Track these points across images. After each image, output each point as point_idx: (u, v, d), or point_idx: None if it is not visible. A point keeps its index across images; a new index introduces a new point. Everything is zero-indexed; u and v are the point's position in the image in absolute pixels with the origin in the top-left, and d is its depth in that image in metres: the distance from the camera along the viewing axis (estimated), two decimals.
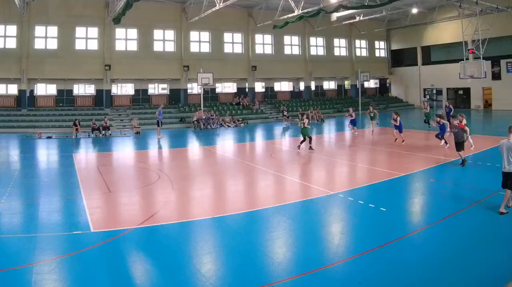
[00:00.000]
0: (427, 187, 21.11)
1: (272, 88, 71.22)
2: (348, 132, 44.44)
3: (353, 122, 41.54)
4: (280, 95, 71.56)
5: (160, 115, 44.61)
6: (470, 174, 23.71)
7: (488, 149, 29.63)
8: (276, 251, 13.17)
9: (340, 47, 75.54)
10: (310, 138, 31.83)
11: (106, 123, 47.38)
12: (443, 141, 31.05)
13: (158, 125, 44.43)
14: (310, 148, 31.79)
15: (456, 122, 24.62)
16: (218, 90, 66.43)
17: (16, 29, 51.53)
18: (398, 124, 34.06)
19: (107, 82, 56.41)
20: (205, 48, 63.03)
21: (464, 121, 26.36)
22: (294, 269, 11.89)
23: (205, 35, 62.95)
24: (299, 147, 31.76)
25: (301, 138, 32.26)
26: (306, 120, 31.39)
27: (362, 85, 71.67)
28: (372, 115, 42.15)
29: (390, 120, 34.85)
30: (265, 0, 58.52)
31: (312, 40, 71.98)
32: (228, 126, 54.36)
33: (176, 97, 62.10)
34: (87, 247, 13.31)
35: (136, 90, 60.99)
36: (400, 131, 34.26)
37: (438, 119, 31.29)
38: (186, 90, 62.19)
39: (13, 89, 54.13)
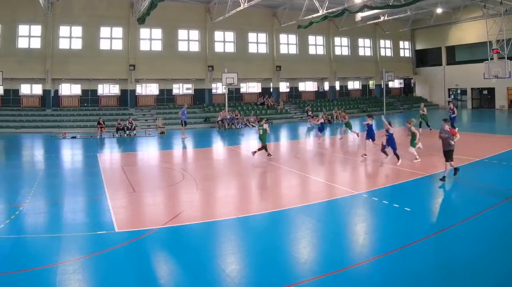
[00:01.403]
0: (452, 186, 20.82)
1: (297, 88, 69.26)
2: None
3: (321, 129, 38.29)
4: (304, 95, 69.74)
5: (183, 115, 43.54)
6: (495, 174, 23.32)
7: None
8: (301, 251, 13.05)
9: (364, 47, 73.55)
10: (265, 147, 28.81)
11: (130, 123, 46.07)
12: (392, 157, 25.98)
13: (182, 125, 43.32)
14: (268, 154, 28.90)
15: (447, 126, 20.80)
16: (242, 90, 64.74)
17: (41, 29, 50.69)
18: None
19: (132, 82, 55.23)
20: (230, 48, 61.65)
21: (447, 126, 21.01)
22: (318, 269, 11.76)
23: (230, 35, 61.58)
24: (254, 153, 29.02)
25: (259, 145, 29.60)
26: (265, 126, 28.88)
27: (387, 85, 69.70)
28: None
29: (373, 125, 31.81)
30: (290, 0, 57.33)
31: (337, 40, 70.03)
32: (253, 126, 52.44)
33: (201, 97, 60.56)
34: (111, 247, 13.22)
35: (161, 90, 59.51)
36: (373, 140, 29.30)
37: (387, 127, 25.95)
38: (210, 90, 60.76)
39: (37, 89, 53.25)
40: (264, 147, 28.67)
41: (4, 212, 16.85)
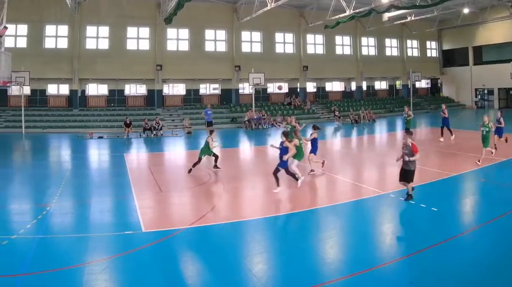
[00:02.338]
0: (478, 187, 20.89)
1: (324, 88, 67.11)
2: (400, 132, 40.93)
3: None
4: (331, 95, 67.54)
5: (207, 115, 42.89)
6: None
7: None
8: (327, 251, 12.99)
9: (391, 47, 71.08)
10: (216, 157, 24.90)
11: (157, 123, 44.75)
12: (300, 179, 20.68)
13: (207, 126, 41.86)
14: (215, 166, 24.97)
15: (409, 140, 17.05)
16: (269, 90, 62.62)
17: (68, 29, 49.82)
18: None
19: (159, 82, 53.92)
20: (257, 48, 59.87)
21: (410, 140, 17.19)
22: (345, 269, 11.56)
23: (257, 35, 59.75)
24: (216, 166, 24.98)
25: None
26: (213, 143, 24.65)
27: (414, 85, 67.43)
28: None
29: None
30: (317, 0, 55.58)
31: (364, 40, 67.63)
32: (279, 126, 49.38)
33: (228, 97, 58.89)
34: (138, 247, 13.04)
35: (188, 90, 57.97)
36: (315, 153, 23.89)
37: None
38: (237, 90, 59.10)
39: (64, 89, 52.21)
40: (215, 157, 24.91)
41: (31, 212, 16.70)
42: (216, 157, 25.02)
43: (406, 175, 17.17)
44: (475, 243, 13.14)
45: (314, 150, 23.63)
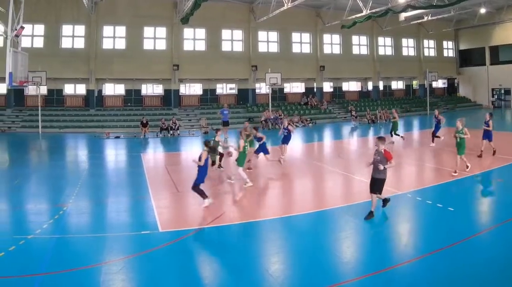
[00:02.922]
0: (495, 187, 20.45)
1: (340, 88, 65.78)
2: (418, 131, 41.86)
3: (260, 150, 24.83)
4: (348, 95, 65.95)
5: (223, 115, 41.56)
6: None
7: None
8: (344, 250, 12.82)
9: (408, 47, 69.15)
10: (221, 156, 24.37)
11: (174, 123, 44.03)
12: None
13: (223, 126, 40.26)
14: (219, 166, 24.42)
15: (382, 146, 15.37)
16: (286, 90, 61.50)
17: (85, 29, 49.19)
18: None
19: (175, 82, 53.01)
20: (273, 48, 58.52)
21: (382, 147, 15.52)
22: (361, 269, 11.40)
23: (273, 35, 58.35)
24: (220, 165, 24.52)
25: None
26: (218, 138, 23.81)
27: (430, 85, 65.48)
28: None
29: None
30: (333, 0, 54.24)
31: (380, 40, 65.85)
32: (297, 126, 49.49)
33: (244, 97, 57.61)
34: (155, 247, 12.88)
35: (204, 90, 56.95)
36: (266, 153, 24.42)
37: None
38: (254, 90, 57.87)
39: (81, 89, 51.41)
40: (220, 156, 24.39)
41: (48, 212, 16.49)
42: (221, 155, 24.44)
43: (375, 184, 15.32)
44: (491, 243, 12.94)
45: (265, 151, 24.25)
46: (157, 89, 55.25)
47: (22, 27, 30.91)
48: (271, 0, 46.51)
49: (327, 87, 64.47)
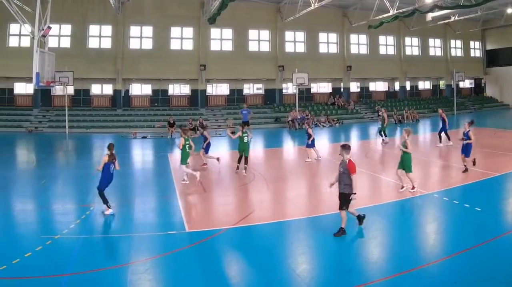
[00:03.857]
0: None
1: (367, 88, 63.11)
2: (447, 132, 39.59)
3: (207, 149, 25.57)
4: (375, 95, 63.39)
5: (242, 115, 40.97)
6: None
7: None
8: (371, 250, 12.41)
9: (435, 47, 65.98)
10: (246, 158, 22.85)
11: (201, 123, 41.87)
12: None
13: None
14: (240, 167, 22.98)
15: (346, 156, 13.57)
16: (313, 90, 59.06)
17: (111, 29, 47.93)
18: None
19: (202, 82, 51.17)
20: (300, 48, 56.07)
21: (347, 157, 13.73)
22: (388, 269, 11.08)
23: (300, 35, 55.94)
24: (239, 168, 23.12)
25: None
26: (250, 134, 23.44)
27: (457, 85, 62.49)
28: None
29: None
30: (360, 0, 52.07)
31: (407, 40, 63.04)
32: (323, 126, 48.50)
33: (271, 97, 55.47)
34: (182, 247, 12.60)
35: (231, 90, 54.99)
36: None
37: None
38: (281, 90, 55.70)
39: (108, 89, 50.12)
40: (245, 158, 22.83)
41: (75, 212, 16.10)
42: (246, 158, 22.99)
43: (340, 199, 13.34)
44: None
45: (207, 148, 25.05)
46: (184, 89, 53.68)
47: (49, 27, 30.27)
48: (298, 0, 44.87)
49: (354, 87, 62.01)
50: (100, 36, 47.83)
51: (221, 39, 52.44)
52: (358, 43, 59.81)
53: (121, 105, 48.82)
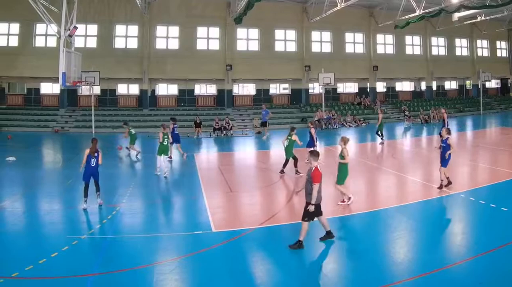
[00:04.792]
0: None
1: (394, 88, 60.12)
2: (471, 131, 39.89)
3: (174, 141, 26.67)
4: (401, 95, 60.30)
5: (262, 115, 39.86)
6: None
7: None
8: (397, 251, 11.98)
9: (461, 47, 62.74)
10: (296, 160, 21.86)
11: (227, 123, 40.95)
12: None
13: (261, 126, 39.36)
14: (297, 171, 21.59)
15: (314, 163, 11.85)
16: (339, 90, 56.60)
17: (138, 29, 46.40)
18: None
19: (229, 82, 49.09)
20: (326, 48, 53.38)
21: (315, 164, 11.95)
22: (415, 269, 10.61)
23: (326, 35, 53.26)
24: (297, 171, 21.77)
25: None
26: (295, 137, 22.16)
27: (484, 85, 59.74)
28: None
29: None
30: (387, 0, 49.45)
31: (434, 40, 60.11)
32: (350, 126, 46.59)
33: (298, 97, 53.00)
34: (208, 247, 12.14)
35: (258, 90, 52.77)
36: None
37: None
38: (307, 90, 53.22)
39: (134, 89, 48.59)
40: (294, 159, 22.01)
41: (101, 212, 15.65)
42: (295, 160, 22.05)
43: (305, 208, 11.84)
44: None
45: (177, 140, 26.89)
46: (211, 89, 51.71)
47: (76, 27, 29.19)
48: (324, 0, 42.94)
49: (380, 87, 59.29)
50: (126, 36, 46.35)
51: (247, 39, 50.45)
52: (385, 43, 57.01)
53: (148, 105, 47.17)
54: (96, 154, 15.94)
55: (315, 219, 11.97)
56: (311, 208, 11.50)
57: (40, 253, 11.33)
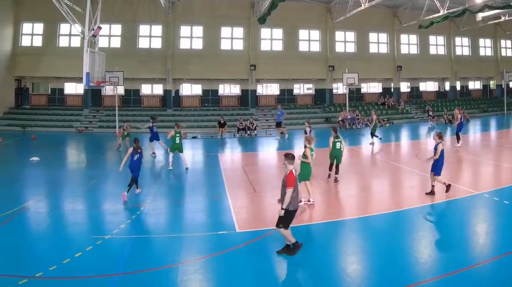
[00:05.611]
0: None
1: (417, 88, 57.34)
2: (495, 131, 39.14)
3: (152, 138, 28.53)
4: (425, 95, 57.41)
5: (277, 115, 37.87)
6: None
7: None
8: (421, 251, 11.35)
9: (485, 47, 59.77)
10: (338, 166, 19.43)
11: (251, 123, 39.69)
12: None
13: (276, 127, 37.40)
14: (331, 175, 19.49)
15: (290, 167, 11.20)
16: (363, 90, 54.18)
17: (162, 29, 44.83)
18: None
19: (253, 82, 46.96)
20: (350, 48, 50.95)
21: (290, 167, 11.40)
22: (438, 269, 10.16)
23: (350, 35, 50.84)
24: (331, 176, 19.62)
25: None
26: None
27: (507, 85, 56.85)
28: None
29: None
30: (411, 0, 47.16)
31: (457, 40, 57.36)
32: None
33: (321, 97, 50.71)
34: (232, 247, 11.57)
35: (281, 90, 50.57)
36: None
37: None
38: (331, 90, 50.89)
39: (158, 89, 46.90)
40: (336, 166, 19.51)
41: (125, 212, 15.15)
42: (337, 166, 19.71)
43: (282, 216, 10.74)
44: None
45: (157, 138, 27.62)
46: (235, 90, 49.73)
47: (100, 27, 28.45)
48: (348, 0, 41.04)
49: (404, 87, 56.68)
50: (150, 36, 44.83)
51: (271, 39, 48.29)
52: (409, 43, 54.28)
53: (171, 105, 45.43)
54: (139, 150, 17.01)
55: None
56: (281, 212, 10.62)
57: (64, 253, 10.94)
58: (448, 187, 16.27)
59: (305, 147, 15.82)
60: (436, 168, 16.34)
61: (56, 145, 33.35)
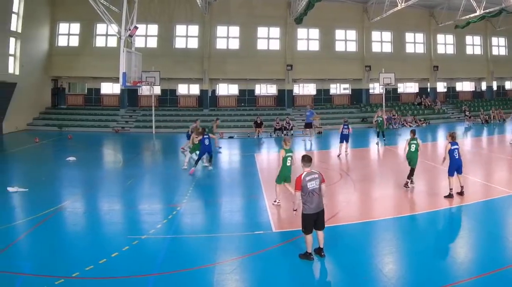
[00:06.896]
0: None
1: (454, 88, 53.04)
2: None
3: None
4: (461, 95, 53.26)
5: (306, 116, 34.54)
6: None
7: None
8: (458, 251, 10.72)
9: None
10: (413, 170, 17.13)
11: (288, 123, 37.27)
12: None
13: (305, 127, 34.88)
14: (409, 182, 17.11)
15: (306, 169, 10.47)
16: (399, 90, 50.26)
17: (198, 30, 42.18)
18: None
19: (289, 82, 43.74)
20: (387, 48, 47.32)
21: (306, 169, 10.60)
22: (475, 269, 9.52)
23: (387, 35, 47.17)
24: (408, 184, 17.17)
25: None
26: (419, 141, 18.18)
27: None
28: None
29: None
30: (447, 0, 43.56)
31: (494, 40, 53.06)
32: (410, 126, 41.20)
33: (358, 97, 47.36)
34: (268, 247, 10.93)
35: (318, 90, 47.18)
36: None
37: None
38: (367, 90, 47.42)
39: (195, 89, 44.23)
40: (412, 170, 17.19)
41: (162, 212, 14.23)
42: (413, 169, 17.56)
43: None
44: None
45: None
46: (271, 89, 46.55)
47: (136, 27, 26.99)
48: (385, 0, 38.42)
49: (441, 87, 52.71)
50: (187, 36, 42.21)
51: (307, 39, 44.98)
52: (445, 43, 50.19)
53: (208, 105, 42.63)
54: (205, 135, 18.95)
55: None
56: (293, 213, 11.64)
57: (100, 253, 10.39)
58: (449, 195, 14.80)
59: (282, 148, 14.71)
60: (448, 168, 15.14)
61: (92, 145, 31.80)
